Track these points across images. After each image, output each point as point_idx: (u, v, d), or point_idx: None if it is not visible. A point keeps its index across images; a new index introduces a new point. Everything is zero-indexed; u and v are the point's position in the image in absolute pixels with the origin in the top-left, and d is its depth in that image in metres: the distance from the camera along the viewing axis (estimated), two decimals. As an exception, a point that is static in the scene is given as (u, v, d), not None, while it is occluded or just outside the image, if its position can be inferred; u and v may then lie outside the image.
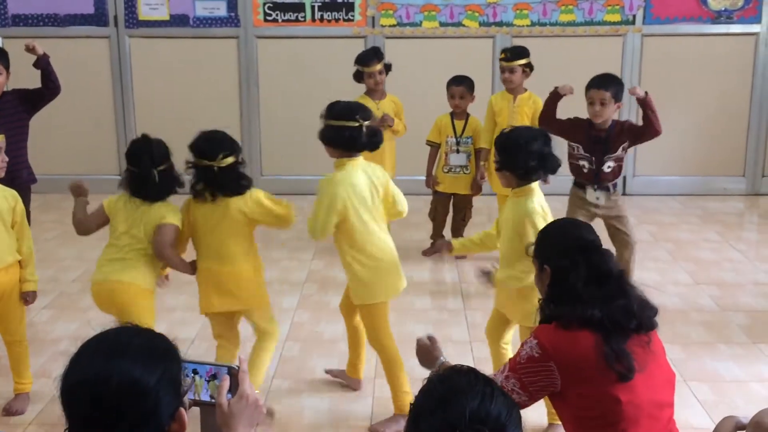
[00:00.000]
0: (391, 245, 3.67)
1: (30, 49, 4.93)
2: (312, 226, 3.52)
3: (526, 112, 5.58)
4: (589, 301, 2.33)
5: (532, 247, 2.63)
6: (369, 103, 5.48)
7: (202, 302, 3.66)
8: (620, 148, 4.79)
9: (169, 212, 3.53)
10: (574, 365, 2.30)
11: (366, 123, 3.54)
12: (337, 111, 3.59)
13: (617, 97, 4.70)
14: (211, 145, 3.45)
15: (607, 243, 3.97)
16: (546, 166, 3.38)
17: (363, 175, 3.55)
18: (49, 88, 5.00)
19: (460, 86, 5.84)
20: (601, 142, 4.77)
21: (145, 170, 3.48)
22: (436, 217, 6.08)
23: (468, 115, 5.86)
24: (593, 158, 4.79)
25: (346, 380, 4.04)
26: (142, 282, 3.53)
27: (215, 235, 3.53)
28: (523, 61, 5.63)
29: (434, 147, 5.95)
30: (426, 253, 5.99)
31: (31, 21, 7.59)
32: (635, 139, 4.84)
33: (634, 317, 2.33)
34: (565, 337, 2.32)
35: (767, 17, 7.44)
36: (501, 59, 5.69)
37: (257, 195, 3.53)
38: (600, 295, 2.35)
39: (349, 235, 3.53)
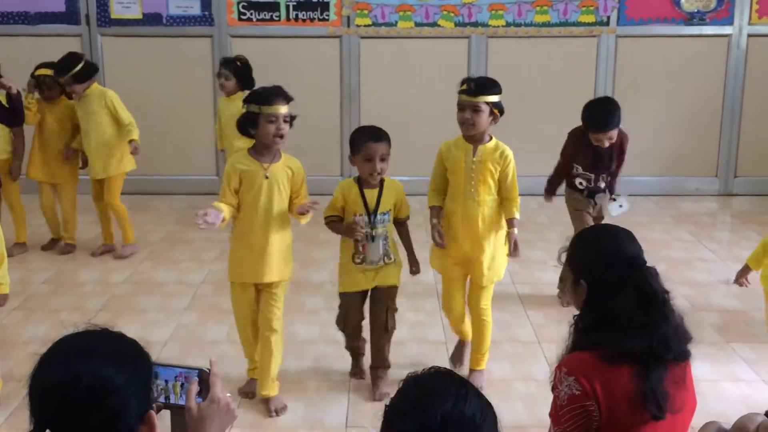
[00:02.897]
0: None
1: (3, 86, 5.39)
2: None
3: (490, 169, 3.74)
4: (634, 329, 2.10)
5: (565, 254, 2.33)
6: (252, 163, 3.60)
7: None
8: (612, 165, 4.93)
9: None
10: (614, 405, 2.08)
11: None
12: None
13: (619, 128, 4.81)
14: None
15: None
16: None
17: None
18: (14, 119, 5.56)
19: (382, 143, 3.73)
20: (602, 159, 4.87)
21: None
22: (348, 322, 3.98)
23: (383, 180, 3.81)
24: (592, 176, 4.91)
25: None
26: None
27: None
28: (493, 98, 3.69)
29: (334, 221, 3.83)
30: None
31: (0, 19, 7.49)
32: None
33: (671, 348, 2.12)
34: (606, 372, 2.09)
35: (739, 19, 7.51)
36: (461, 91, 3.71)
37: None
38: (643, 322, 2.11)
39: None
